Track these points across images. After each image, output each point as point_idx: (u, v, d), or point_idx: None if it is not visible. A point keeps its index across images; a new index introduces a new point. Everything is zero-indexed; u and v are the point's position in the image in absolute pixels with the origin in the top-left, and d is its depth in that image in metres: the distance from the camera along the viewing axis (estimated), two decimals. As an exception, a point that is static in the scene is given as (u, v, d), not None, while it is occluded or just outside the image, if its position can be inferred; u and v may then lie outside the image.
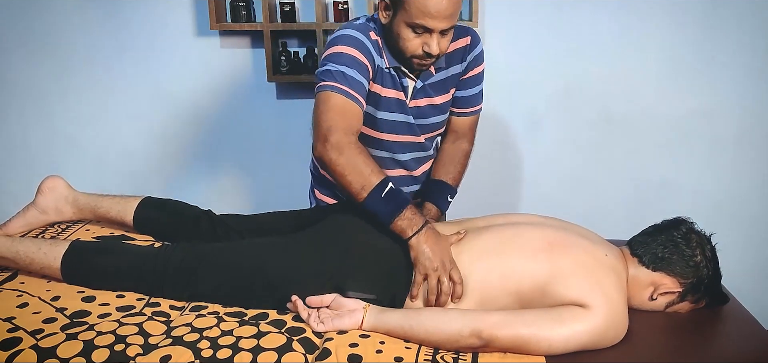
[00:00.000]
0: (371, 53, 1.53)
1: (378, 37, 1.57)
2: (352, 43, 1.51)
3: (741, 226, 2.67)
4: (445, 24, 1.45)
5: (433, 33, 1.46)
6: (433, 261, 1.34)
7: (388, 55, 1.57)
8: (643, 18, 2.52)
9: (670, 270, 1.37)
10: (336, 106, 1.44)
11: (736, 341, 1.37)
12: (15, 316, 1.28)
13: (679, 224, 1.42)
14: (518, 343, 1.21)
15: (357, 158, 1.40)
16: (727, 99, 2.58)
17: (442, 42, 1.49)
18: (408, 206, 1.39)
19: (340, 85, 1.45)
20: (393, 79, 1.59)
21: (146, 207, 1.69)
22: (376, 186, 1.37)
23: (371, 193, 1.37)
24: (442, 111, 1.70)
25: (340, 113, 1.44)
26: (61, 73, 2.71)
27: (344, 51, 1.50)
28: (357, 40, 1.52)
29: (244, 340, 1.23)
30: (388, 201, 1.38)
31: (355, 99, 1.47)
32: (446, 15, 1.44)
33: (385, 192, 1.37)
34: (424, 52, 1.49)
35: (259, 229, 1.62)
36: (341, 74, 1.46)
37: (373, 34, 1.56)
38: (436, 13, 1.42)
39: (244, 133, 2.76)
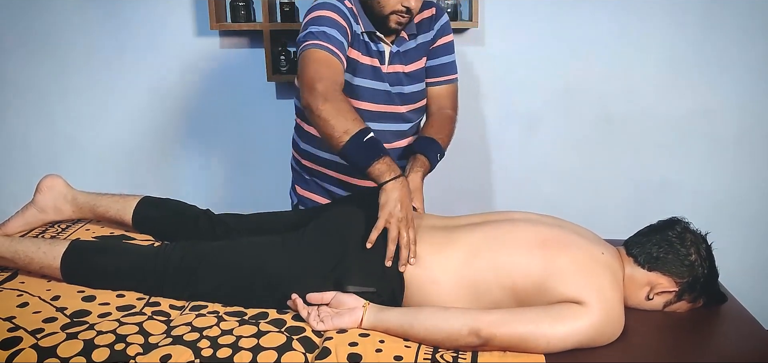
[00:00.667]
0: (348, 17, 1.59)
1: (352, 5, 1.63)
2: (331, 8, 1.58)
3: (741, 226, 2.67)
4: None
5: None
6: (400, 211, 1.36)
7: (364, 20, 1.63)
8: (643, 18, 2.52)
9: (665, 269, 1.38)
10: (320, 59, 1.49)
11: (736, 341, 1.37)
12: (15, 316, 1.28)
13: (674, 224, 1.43)
14: (517, 340, 1.22)
15: (342, 105, 1.44)
16: (727, 99, 2.58)
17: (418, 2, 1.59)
18: (387, 155, 1.41)
19: (321, 42, 1.51)
20: (368, 46, 1.65)
21: (145, 206, 1.69)
22: (358, 131, 1.40)
23: (353, 137, 1.40)
24: (416, 79, 1.75)
25: (325, 65, 1.49)
26: (61, 72, 2.71)
27: (324, 14, 1.56)
28: (334, 6, 1.59)
29: (244, 340, 1.23)
30: (368, 147, 1.40)
31: (337, 55, 1.52)
32: None
33: (367, 138, 1.41)
34: (404, 7, 1.57)
35: (259, 229, 1.62)
36: (323, 33, 1.52)
37: (347, 2, 1.62)
38: None
39: (243, 132, 2.76)
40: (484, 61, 2.58)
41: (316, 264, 1.39)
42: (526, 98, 2.63)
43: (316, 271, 1.38)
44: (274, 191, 2.81)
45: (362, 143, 1.40)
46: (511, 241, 1.37)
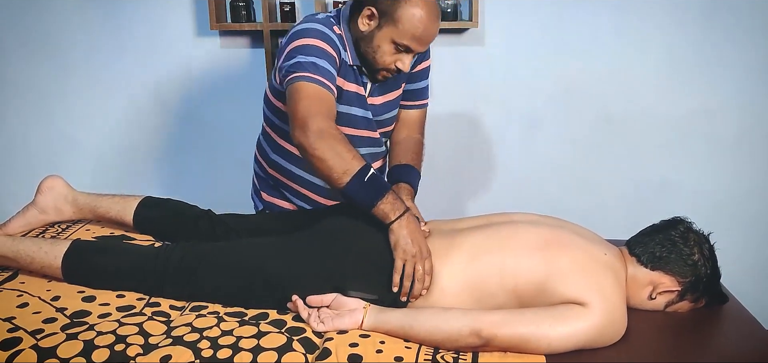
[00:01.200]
0: (337, 46, 1.56)
1: (341, 32, 1.60)
2: (319, 35, 1.53)
3: (741, 226, 2.67)
4: (424, 48, 1.57)
5: (411, 52, 1.55)
6: (412, 247, 1.36)
7: (352, 53, 1.60)
8: (643, 18, 2.51)
9: (668, 269, 1.37)
10: (311, 94, 1.44)
11: (736, 341, 1.37)
12: (15, 316, 1.28)
13: (676, 224, 1.42)
14: (518, 341, 1.22)
15: (338, 144, 1.39)
16: (727, 99, 2.58)
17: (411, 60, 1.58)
18: (390, 191, 1.40)
19: (312, 74, 1.46)
20: (355, 73, 1.63)
21: (146, 206, 1.69)
22: (358, 171, 1.37)
23: (353, 177, 1.37)
24: (395, 105, 1.76)
25: (317, 101, 1.44)
26: (61, 73, 2.71)
27: (311, 43, 1.51)
28: (323, 33, 1.54)
29: (244, 340, 1.23)
30: (370, 186, 1.38)
31: (328, 88, 1.48)
32: (430, 40, 1.56)
33: (368, 177, 1.38)
34: (396, 68, 1.57)
35: (259, 229, 1.62)
36: (312, 65, 1.47)
37: (336, 28, 1.59)
38: (425, 38, 1.53)
39: (243, 132, 2.75)
40: (484, 61, 2.58)
41: (317, 267, 1.39)
42: (527, 98, 2.62)
43: (316, 273, 1.38)
44: (274, 191, 2.82)
45: (364, 183, 1.37)
46: (513, 244, 1.37)
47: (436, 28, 1.54)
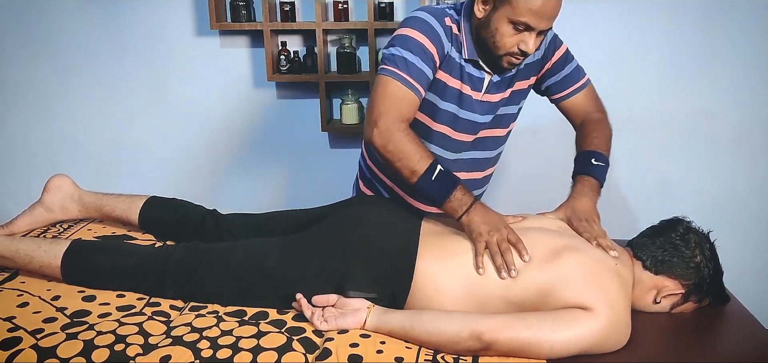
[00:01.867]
0: (441, 40, 1.49)
1: (453, 24, 1.53)
2: (422, 27, 1.48)
3: (741, 226, 2.67)
4: (547, 24, 1.44)
5: (532, 31, 1.43)
6: (483, 226, 1.36)
7: (470, 47, 1.52)
8: (643, 18, 2.51)
9: (671, 272, 1.37)
10: (391, 93, 1.43)
11: (737, 341, 1.37)
12: (15, 316, 1.28)
13: (676, 225, 1.42)
14: (519, 345, 1.20)
15: (405, 144, 1.40)
16: (727, 99, 2.58)
17: (537, 41, 1.46)
18: (458, 187, 1.40)
19: (399, 71, 1.44)
20: (462, 69, 1.54)
21: (152, 206, 1.69)
22: (425, 170, 1.39)
23: (421, 177, 1.39)
24: (514, 101, 1.65)
25: (394, 100, 1.43)
26: (62, 73, 2.71)
27: (412, 35, 1.47)
28: (428, 24, 1.48)
29: (244, 340, 1.23)
30: (438, 183, 1.39)
31: (413, 87, 1.44)
32: (552, 15, 1.43)
33: (435, 175, 1.39)
34: (520, 50, 1.46)
35: (265, 229, 1.62)
36: (403, 60, 1.44)
37: (448, 20, 1.52)
38: (544, 11, 1.41)
39: (244, 132, 2.76)
40: (484, 61, 2.58)
41: (318, 266, 1.39)
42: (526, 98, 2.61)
43: (317, 272, 1.38)
44: (274, 191, 2.82)
45: (431, 181, 1.39)
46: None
47: (557, 1, 1.42)
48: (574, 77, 1.68)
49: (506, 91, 1.61)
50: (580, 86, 1.69)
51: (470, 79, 1.55)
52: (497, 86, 1.58)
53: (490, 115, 1.61)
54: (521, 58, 1.49)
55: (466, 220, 1.39)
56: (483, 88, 1.57)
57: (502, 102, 1.62)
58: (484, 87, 1.57)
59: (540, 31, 1.44)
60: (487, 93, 1.58)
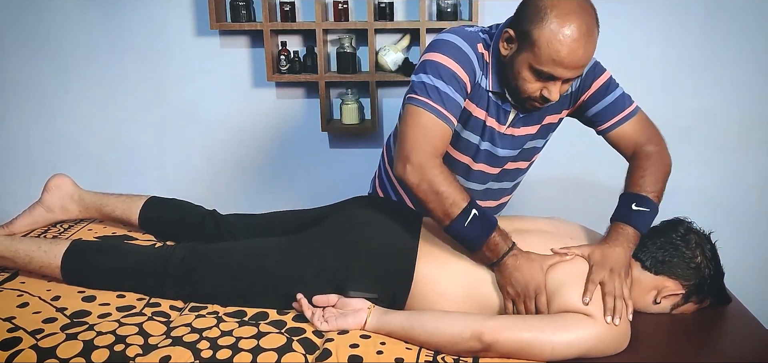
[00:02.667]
0: (474, 67, 1.41)
1: (486, 51, 1.43)
2: (455, 54, 1.38)
3: (741, 226, 2.67)
4: (573, 74, 1.33)
5: (557, 80, 1.34)
6: (516, 287, 1.29)
7: (494, 79, 1.44)
8: (643, 18, 2.51)
9: (671, 273, 1.37)
10: (424, 125, 1.34)
11: (737, 341, 1.37)
12: (15, 316, 1.28)
13: (677, 225, 1.41)
14: (520, 346, 1.20)
15: (439, 185, 1.30)
16: (727, 99, 2.58)
17: (563, 88, 1.37)
18: (494, 231, 1.30)
19: (432, 102, 1.34)
20: (489, 99, 1.45)
21: (152, 206, 1.69)
22: (459, 214, 1.29)
23: (454, 221, 1.30)
24: (541, 135, 1.56)
25: (427, 133, 1.34)
26: (62, 73, 2.71)
27: (444, 62, 1.37)
28: (460, 50, 1.39)
29: (243, 341, 1.23)
30: (472, 228, 1.30)
31: (446, 119, 1.35)
32: (578, 66, 1.32)
33: (469, 220, 1.29)
34: (542, 97, 1.36)
35: (264, 229, 1.62)
36: (435, 90, 1.35)
37: (481, 46, 1.43)
38: (569, 63, 1.30)
39: (244, 132, 2.76)
40: (484, 61, 2.58)
41: (318, 266, 1.39)
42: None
43: (317, 273, 1.38)
44: (274, 191, 2.82)
45: (464, 227, 1.29)
46: None
47: (585, 51, 1.30)
48: (619, 106, 1.53)
49: (533, 127, 1.52)
50: (626, 115, 1.53)
51: (496, 110, 1.47)
52: (523, 121, 1.50)
53: (513, 150, 1.53)
54: (543, 104, 1.40)
55: (502, 268, 1.31)
56: (507, 122, 1.49)
57: (529, 137, 1.53)
58: (509, 121, 1.49)
59: (565, 79, 1.35)
60: (512, 126, 1.50)
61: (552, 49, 1.28)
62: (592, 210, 2.64)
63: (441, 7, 2.48)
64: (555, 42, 1.28)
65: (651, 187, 1.42)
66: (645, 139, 1.52)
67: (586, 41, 1.30)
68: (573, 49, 1.29)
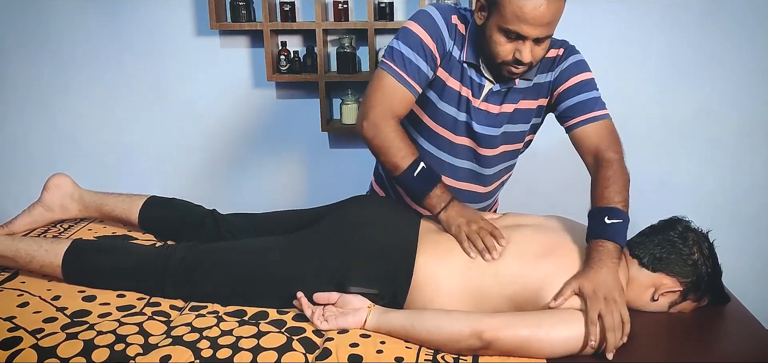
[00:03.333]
0: (442, 36, 1.49)
1: (461, 23, 1.51)
2: (426, 22, 1.48)
3: (741, 226, 2.67)
4: (540, 32, 1.38)
5: (526, 40, 1.39)
6: (460, 219, 1.39)
7: (470, 50, 1.51)
8: (643, 18, 2.52)
9: (669, 270, 1.37)
10: (385, 87, 1.48)
11: (737, 341, 1.37)
12: (15, 316, 1.28)
13: (675, 223, 1.42)
14: (520, 344, 1.21)
15: (392, 141, 1.45)
16: (727, 99, 2.58)
17: (535, 50, 1.41)
18: (437, 185, 1.44)
19: (395, 67, 1.47)
20: (464, 71, 1.52)
21: (152, 206, 1.69)
22: (407, 167, 1.43)
23: (404, 172, 1.44)
24: (516, 121, 1.58)
25: (387, 95, 1.47)
26: (62, 73, 2.71)
27: (414, 30, 1.48)
28: (431, 19, 1.49)
29: (244, 340, 1.23)
30: (419, 180, 1.44)
31: (407, 83, 1.47)
32: (543, 22, 1.36)
33: (418, 172, 1.43)
34: (515, 59, 1.42)
35: (264, 229, 1.62)
36: (400, 56, 1.47)
37: (455, 17, 1.51)
38: (533, 19, 1.35)
39: (243, 132, 2.76)
40: (484, 61, 2.58)
41: (318, 265, 1.39)
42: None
43: (318, 272, 1.38)
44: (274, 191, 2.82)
45: (413, 178, 1.43)
46: (516, 251, 1.36)
47: (549, 6, 1.34)
48: (590, 106, 1.53)
49: (509, 106, 1.56)
50: (594, 116, 1.52)
51: (470, 82, 1.53)
52: (497, 96, 1.54)
53: (492, 128, 1.56)
54: (520, 68, 1.44)
55: (444, 217, 1.43)
56: (482, 95, 1.54)
57: (505, 118, 1.57)
58: (483, 94, 1.54)
59: (536, 38, 1.39)
60: (486, 102, 1.55)
61: (515, 6, 1.34)
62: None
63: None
64: None
65: (618, 198, 1.39)
66: (606, 146, 1.50)
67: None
68: (536, 5, 1.34)
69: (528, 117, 1.60)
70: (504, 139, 1.60)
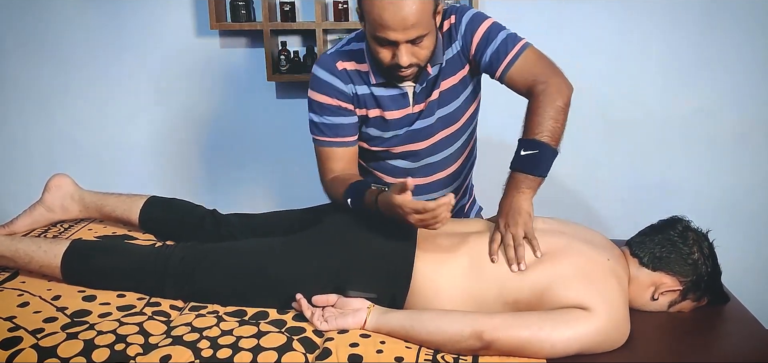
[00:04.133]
0: (339, 89, 1.53)
1: (348, 61, 1.54)
2: (319, 87, 1.54)
3: (741, 226, 2.67)
4: (409, 35, 1.37)
5: (399, 45, 1.38)
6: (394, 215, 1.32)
7: (375, 72, 1.52)
8: (643, 18, 2.52)
9: (669, 269, 1.37)
10: (319, 156, 1.60)
11: (737, 341, 1.37)
12: (15, 316, 1.28)
13: (675, 223, 1.43)
14: (520, 344, 1.21)
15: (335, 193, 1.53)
16: (727, 99, 2.58)
17: (416, 51, 1.41)
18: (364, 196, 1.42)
19: (318, 137, 1.57)
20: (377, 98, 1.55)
21: (152, 206, 1.69)
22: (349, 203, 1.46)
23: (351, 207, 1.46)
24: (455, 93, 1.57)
25: (321, 162, 1.59)
26: (62, 73, 2.71)
27: (313, 98, 1.55)
28: (322, 82, 1.54)
29: (244, 340, 1.23)
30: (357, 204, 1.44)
31: (334, 143, 1.56)
32: (406, 26, 1.35)
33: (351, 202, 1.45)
34: (395, 64, 1.42)
35: (264, 229, 1.62)
36: (315, 125, 1.57)
37: (340, 62, 1.54)
38: (395, 24, 1.34)
39: (243, 132, 2.76)
40: (484, 61, 2.58)
41: (318, 267, 1.39)
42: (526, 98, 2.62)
43: (317, 273, 1.38)
44: (274, 191, 2.82)
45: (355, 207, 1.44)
46: None
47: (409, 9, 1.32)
48: (503, 50, 1.50)
49: (435, 93, 1.55)
50: (512, 57, 1.49)
51: (390, 100, 1.55)
52: (427, 91, 1.55)
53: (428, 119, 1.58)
54: (408, 70, 1.43)
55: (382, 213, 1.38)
56: (411, 101, 1.56)
57: (436, 104, 1.57)
58: (412, 99, 1.55)
59: (410, 41, 1.38)
60: (418, 103, 1.56)
61: (376, 14, 1.35)
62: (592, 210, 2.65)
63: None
64: (377, 7, 1.34)
65: (539, 128, 1.40)
66: (532, 78, 1.47)
67: None
68: (394, 11, 1.33)
69: (456, 94, 1.59)
70: (446, 121, 1.61)
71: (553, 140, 1.41)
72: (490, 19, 1.55)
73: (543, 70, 1.48)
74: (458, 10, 1.56)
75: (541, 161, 1.40)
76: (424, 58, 1.45)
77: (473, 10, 1.56)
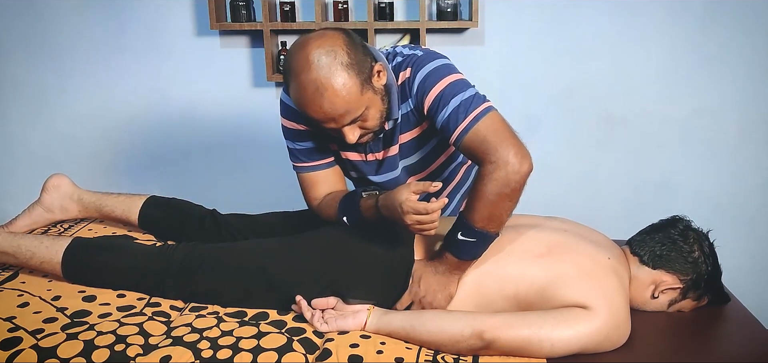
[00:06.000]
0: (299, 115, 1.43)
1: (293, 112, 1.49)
2: (287, 114, 1.50)
3: (741, 226, 2.67)
4: (341, 122, 1.29)
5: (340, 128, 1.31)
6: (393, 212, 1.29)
7: None
8: (643, 18, 2.51)
9: (669, 267, 1.38)
10: (303, 183, 1.57)
11: (737, 341, 1.38)
12: (15, 316, 1.28)
13: (675, 222, 1.43)
14: (520, 344, 1.21)
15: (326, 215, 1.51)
16: (727, 99, 2.58)
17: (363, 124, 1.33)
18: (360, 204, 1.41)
19: (295, 163, 1.55)
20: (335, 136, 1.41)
21: (151, 205, 1.69)
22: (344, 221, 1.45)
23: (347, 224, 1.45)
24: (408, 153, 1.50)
25: (306, 188, 1.57)
26: (61, 73, 2.71)
27: (286, 125, 1.53)
28: (289, 108, 1.47)
29: (244, 341, 1.23)
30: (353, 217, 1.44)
31: (305, 168, 1.54)
32: (333, 116, 1.27)
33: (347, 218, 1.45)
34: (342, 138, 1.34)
35: (264, 229, 1.62)
36: (292, 151, 1.55)
37: None
38: (322, 117, 1.27)
39: (244, 132, 2.76)
40: (483, 61, 2.58)
41: (318, 270, 1.39)
42: (526, 98, 2.62)
43: (317, 276, 1.38)
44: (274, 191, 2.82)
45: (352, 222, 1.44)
46: (516, 251, 1.36)
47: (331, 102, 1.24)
48: (456, 117, 1.33)
49: (393, 148, 1.48)
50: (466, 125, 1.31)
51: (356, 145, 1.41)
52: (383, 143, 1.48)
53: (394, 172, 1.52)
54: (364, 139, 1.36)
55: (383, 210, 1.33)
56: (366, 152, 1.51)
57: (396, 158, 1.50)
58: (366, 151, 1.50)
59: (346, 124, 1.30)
60: (373, 153, 1.50)
61: (301, 109, 1.30)
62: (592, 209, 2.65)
63: (441, 7, 2.48)
64: (300, 103, 1.28)
65: (479, 215, 1.28)
66: (483, 154, 1.30)
67: (322, 96, 1.24)
68: (315, 108, 1.27)
69: (419, 145, 1.49)
70: (408, 172, 1.54)
71: (493, 226, 1.29)
72: (447, 78, 1.36)
73: (496, 146, 1.29)
74: (415, 62, 1.39)
75: (477, 249, 1.32)
76: (374, 126, 1.35)
77: (429, 66, 1.37)
